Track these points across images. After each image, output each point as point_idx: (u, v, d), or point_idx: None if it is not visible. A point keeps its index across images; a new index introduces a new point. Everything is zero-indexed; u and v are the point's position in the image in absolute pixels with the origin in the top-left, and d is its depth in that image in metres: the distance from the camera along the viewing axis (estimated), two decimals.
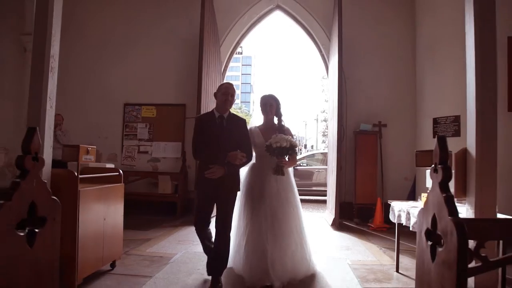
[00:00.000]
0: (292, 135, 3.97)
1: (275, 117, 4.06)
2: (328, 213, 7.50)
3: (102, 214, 3.65)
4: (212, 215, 3.79)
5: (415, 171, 7.22)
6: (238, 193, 3.77)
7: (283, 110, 4.08)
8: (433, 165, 2.08)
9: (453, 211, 1.76)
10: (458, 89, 5.82)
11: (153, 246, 5.13)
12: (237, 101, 71.37)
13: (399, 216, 3.95)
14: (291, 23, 8.70)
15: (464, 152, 3.00)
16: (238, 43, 8.65)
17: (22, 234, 1.94)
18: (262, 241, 3.65)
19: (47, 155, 3.05)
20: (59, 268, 2.46)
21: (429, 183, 4.53)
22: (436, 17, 6.91)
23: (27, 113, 3.04)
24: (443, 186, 1.91)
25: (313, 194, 11.96)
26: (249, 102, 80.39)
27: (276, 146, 3.63)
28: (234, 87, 3.82)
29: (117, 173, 4.06)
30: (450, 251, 1.71)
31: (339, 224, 6.78)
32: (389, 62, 7.91)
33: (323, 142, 37.35)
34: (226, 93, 3.65)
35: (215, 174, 3.44)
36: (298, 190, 4.07)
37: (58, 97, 8.82)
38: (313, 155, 15.43)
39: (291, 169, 4.08)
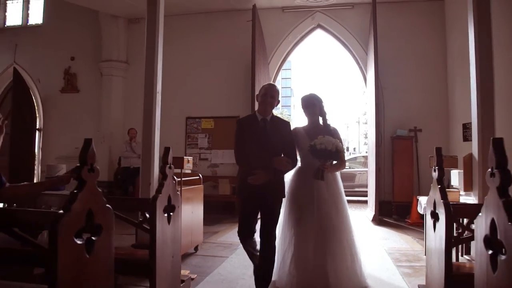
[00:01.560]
0: (339, 137, 3.68)
1: (320, 117, 3.76)
2: (369, 211, 8.35)
3: (190, 208, 4.80)
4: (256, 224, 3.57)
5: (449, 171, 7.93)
6: (284, 199, 3.55)
7: (326, 109, 3.79)
8: (433, 167, 3.01)
9: (444, 196, 2.69)
10: None
11: (222, 237, 6.27)
12: (278, 105, 72.35)
13: (425, 208, 4.81)
14: (330, 39, 9.66)
15: (470, 156, 3.88)
16: (284, 60, 9.73)
17: (166, 215, 3.08)
18: (312, 255, 3.41)
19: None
20: None
21: (453, 181, 5.38)
22: (465, 27, 7.52)
23: (142, 134, 4.24)
24: (438, 180, 2.86)
25: (355, 195, 12.76)
26: (289, 106, 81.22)
27: (320, 147, 3.35)
28: (276, 87, 3.55)
29: (198, 177, 5.22)
30: (442, 222, 2.64)
31: (378, 220, 7.63)
32: (422, 71, 8.66)
33: (365, 144, 37.59)
34: (265, 94, 3.43)
35: (259, 180, 3.21)
36: None
37: (132, 114, 10.40)
38: (355, 158, 16.23)
39: (338, 174, 3.78)
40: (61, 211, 1.93)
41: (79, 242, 2.01)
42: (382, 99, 8.52)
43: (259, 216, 3.47)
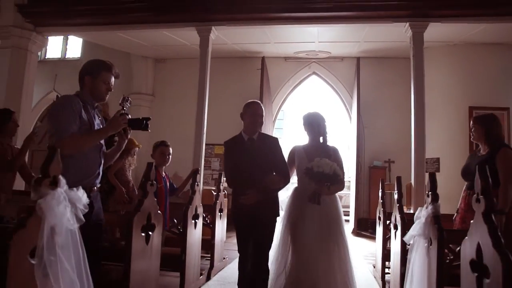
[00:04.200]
0: (340, 157, 3.63)
1: (321, 137, 3.68)
2: (350, 225, 10.30)
3: None
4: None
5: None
6: (279, 219, 3.50)
7: (328, 129, 3.72)
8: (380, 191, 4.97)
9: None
10: (440, 136, 8.61)
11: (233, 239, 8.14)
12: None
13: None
14: (323, 83, 11.77)
15: (410, 184, 5.94)
16: (284, 100, 11.77)
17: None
18: (307, 279, 3.30)
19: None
20: None
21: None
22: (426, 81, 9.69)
23: (193, 159, 6.20)
24: (382, 196, 4.83)
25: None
26: (281, 128, 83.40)
27: (318, 170, 3.25)
28: (261, 105, 3.55)
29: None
30: (381, 224, 4.61)
31: (356, 233, 9.59)
32: (395, 113, 10.62)
33: None
34: (254, 113, 3.46)
35: (250, 200, 3.22)
36: None
37: (157, 138, 12.14)
38: None
39: (338, 198, 3.72)
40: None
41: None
42: (363, 135, 10.57)
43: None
